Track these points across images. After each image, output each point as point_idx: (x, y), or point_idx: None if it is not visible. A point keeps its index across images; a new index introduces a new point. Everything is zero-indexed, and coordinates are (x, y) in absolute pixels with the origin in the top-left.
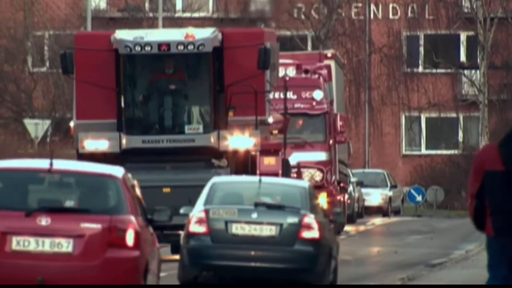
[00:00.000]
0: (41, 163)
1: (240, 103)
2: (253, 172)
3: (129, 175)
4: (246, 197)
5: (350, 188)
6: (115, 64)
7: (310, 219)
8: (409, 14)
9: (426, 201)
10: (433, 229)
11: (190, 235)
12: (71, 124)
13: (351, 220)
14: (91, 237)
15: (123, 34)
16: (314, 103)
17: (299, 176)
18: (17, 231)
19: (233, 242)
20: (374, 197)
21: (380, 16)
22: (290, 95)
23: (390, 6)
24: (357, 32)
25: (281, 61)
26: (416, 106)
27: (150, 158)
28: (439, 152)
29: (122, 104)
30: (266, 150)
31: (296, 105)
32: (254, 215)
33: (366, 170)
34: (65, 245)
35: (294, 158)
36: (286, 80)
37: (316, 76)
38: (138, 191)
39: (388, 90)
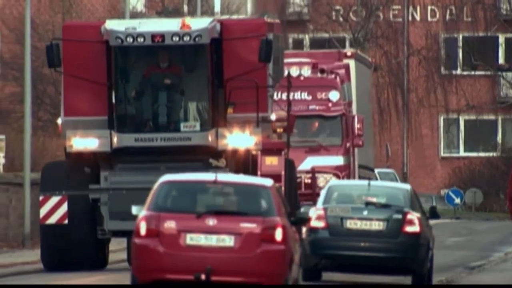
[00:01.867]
0: (208, 176)
1: (240, 99)
2: (253, 173)
3: (277, 185)
4: (357, 197)
5: None
6: (106, 57)
7: (412, 216)
8: (447, 16)
9: (464, 203)
10: (471, 231)
11: (311, 230)
12: (59, 121)
13: None
14: (248, 234)
15: (114, 25)
16: (330, 105)
17: (314, 181)
18: (190, 230)
19: (347, 235)
20: None
21: (418, 18)
22: (305, 96)
23: (429, 8)
24: (395, 34)
25: (296, 59)
26: (455, 108)
27: (143, 158)
28: (477, 154)
29: (113, 100)
30: (268, 150)
31: (311, 107)
32: (365, 212)
33: (377, 170)
34: (228, 241)
35: (309, 162)
36: (290, 80)
37: (333, 76)
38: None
39: (427, 92)
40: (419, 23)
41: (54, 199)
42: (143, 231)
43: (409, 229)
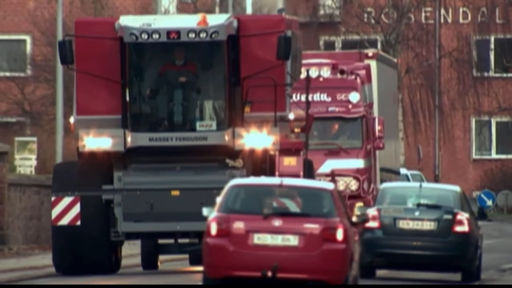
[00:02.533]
0: (274, 180)
1: (258, 98)
2: (271, 174)
3: (338, 188)
4: (409, 199)
5: None
6: (120, 54)
7: (461, 216)
8: (479, 18)
9: (496, 205)
10: (503, 233)
11: (366, 229)
12: (71, 120)
13: None
14: (311, 234)
15: (129, 21)
16: (350, 106)
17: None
18: (257, 230)
19: (400, 234)
20: None
21: (450, 20)
22: (324, 97)
23: (460, 10)
24: (427, 36)
25: (315, 60)
26: (487, 111)
27: (158, 158)
28: (509, 156)
29: (128, 98)
30: (286, 150)
31: (331, 108)
32: (417, 213)
33: (403, 172)
34: (293, 240)
35: (328, 165)
36: (309, 78)
37: (353, 76)
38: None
39: (458, 95)
40: (450, 25)
41: (67, 200)
42: (214, 231)
43: (458, 228)
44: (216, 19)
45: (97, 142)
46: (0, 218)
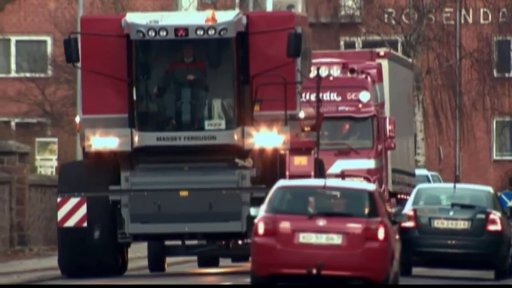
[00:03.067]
0: (318, 182)
1: (268, 96)
2: (281, 174)
3: (379, 189)
4: (443, 199)
5: None
6: (126, 52)
7: (494, 216)
8: (500, 18)
9: None
10: None
11: (402, 229)
12: (77, 119)
13: None
14: (354, 233)
15: (135, 18)
16: (360, 106)
17: None
18: (302, 229)
19: (435, 233)
20: None
21: (470, 21)
22: (334, 96)
23: (481, 10)
24: (447, 37)
25: (325, 59)
26: (507, 111)
27: (166, 158)
28: None
29: (134, 97)
30: (296, 149)
31: (341, 108)
32: (451, 213)
33: (418, 172)
34: (336, 239)
35: (338, 165)
36: (320, 76)
37: (363, 76)
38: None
39: (479, 95)
40: (471, 26)
41: (73, 201)
42: (261, 230)
43: (492, 227)
44: (225, 16)
45: (103, 141)
46: (20, 219)
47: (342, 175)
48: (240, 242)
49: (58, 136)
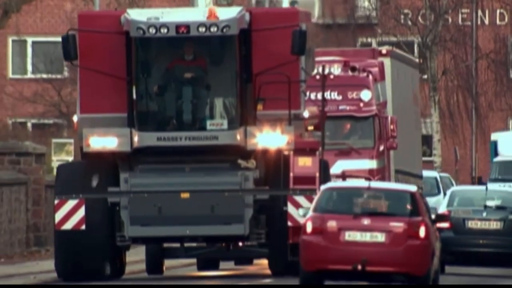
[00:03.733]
0: (363, 183)
1: (271, 95)
2: (285, 175)
3: (420, 191)
4: (476, 200)
5: (439, 198)
6: (126, 49)
7: None
8: None
9: None
10: None
11: (438, 229)
12: (75, 118)
13: None
14: (397, 232)
15: (135, 14)
16: (361, 105)
17: None
18: (348, 228)
19: (469, 233)
20: None
21: (487, 21)
22: (335, 95)
23: (497, 11)
24: (463, 38)
25: (326, 58)
26: None
27: (166, 159)
28: None
29: (134, 96)
30: (300, 149)
31: (341, 107)
32: (484, 214)
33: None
34: (380, 237)
35: (339, 166)
36: (325, 74)
37: (365, 74)
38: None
39: (495, 96)
40: (487, 27)
41: (70, 203)
42: (309, 229)
43: None
44: (228, 13)
45: (102, 142)
46: (37, 220)
47: (343, 175)
48: (240, 244)
49: (74, 137)
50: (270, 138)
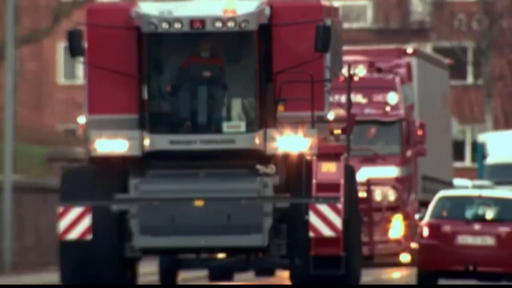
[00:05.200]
0: (474, 192)
1: (293, 95)
2: (307, 182)
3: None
4: None
5: None
6: (137, 45)
7: None
8: None
9: None
10: None
11: None
12: (81, 120)
13: None
14: (506, 236)
15: (147, 8)
16: (387, 108)
17: (369, 195)
18: (461, 232)
19: None
20: None
21: None
22: (359, 98)
23: None
24: None
25: (350, 58)
26: None
27: (180, 163)
28: None
29: (145, 96)
30: (324, 154)
31: (366, 111)
32: None
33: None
34: (490, 241)
35: (364, 173)
36: (351, 73)
37: (391, 75)
38: None
39: None
40: None
41: (76, 211)
42: (426, 233)
43: None
44: (246, 6)
45: (110, 145)
46: None
47: (368, 183)
48: (262, 254)
49: None
50: (291, 142)
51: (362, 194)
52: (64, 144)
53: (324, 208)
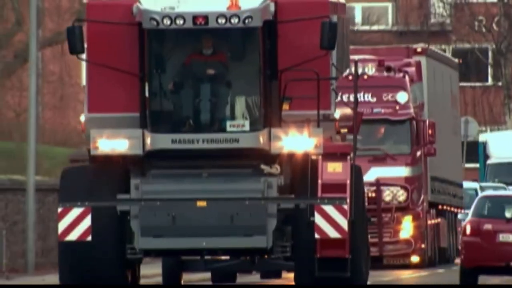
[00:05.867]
0: None
1: (298, 93)
2: (313, 182)
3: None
4: None
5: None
6: (138, 42)
7: None
8: None
9: None
10: None
11: None
12: (82, 118)
13: None
14: None
15: (149, 3)
16: (397, 107)
17: (379, 195)
18: (501, 230)
19: None
20: None
21: None
22: (368, 97)
23: None
24: None
25: (359, 56)
26: None
27: (182, 163)
28: None
29: (147, 94)
30: (330, 154)
31: (376, 110)
32: None
33: (484, 184)
34: None
35: (373, 173)
36: (358, 72)
37: (401, 74)
38: None
39: None
40: None
41: (76, 211)
42: (468, 231)
43: None
44: (250, 2)
45: (111, 144)
46: None
47: (377, 184)
48: (266, 256)
49: None
50: (296, 141)
51: (371, 194)
52: (87, 145)
53: (329, 209)
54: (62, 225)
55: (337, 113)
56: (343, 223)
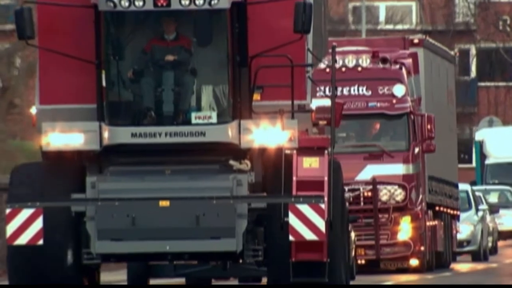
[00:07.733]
0: None
1: (270, 81)
2: (287, 179)
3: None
4: None
5: (470, 214)
6: (94, 27)
7: None
8: None
9: None
10: None
11: None
12: (33, 110)
13: (479, 257)
14: None
15: None
16: (394, 101)
17: (375, 194)
18: None
19: None
20: (507, 219)
21: None
22: (363, 90)
23: None
24: None
25: (353, 48)
26: None
27: (143, 159)
28: None
29: (104, 83)
30: (306, 148)
31: (371, 104)
32: None
33: (488, 187)
34: None
35: (369, 171)
36: (334, 58)
37: (397, 66)
38: None
39: None
40: None
41: (26, 213)
42: None
43: None
44: None
45: (65, 138)
46: None
47: (373, 182)
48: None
49: None
50: (268, 134)
51: (367, 193)
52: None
53: (305, 209)
54: (10, 228)
55: (313, 104)
56: (320, 223)
